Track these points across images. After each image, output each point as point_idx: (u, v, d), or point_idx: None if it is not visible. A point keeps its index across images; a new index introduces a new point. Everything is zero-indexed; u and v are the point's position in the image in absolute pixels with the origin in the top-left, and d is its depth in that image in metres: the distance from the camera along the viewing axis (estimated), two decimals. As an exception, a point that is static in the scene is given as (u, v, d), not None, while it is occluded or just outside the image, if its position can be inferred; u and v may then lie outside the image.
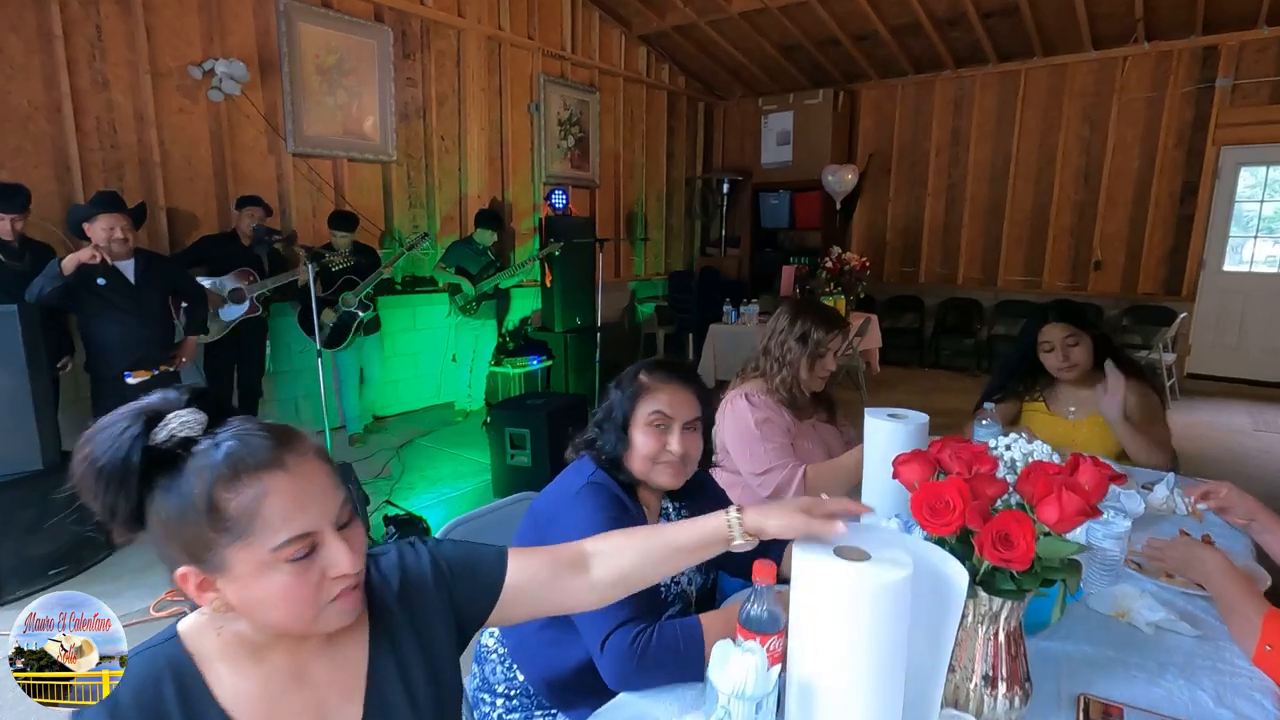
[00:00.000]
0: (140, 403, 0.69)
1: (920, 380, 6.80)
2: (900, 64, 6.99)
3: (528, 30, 5.99)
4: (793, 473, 1.68)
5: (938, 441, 0.94)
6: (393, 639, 0.83)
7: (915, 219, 7.44)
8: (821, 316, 1.82)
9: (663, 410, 1.20)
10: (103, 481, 0.65)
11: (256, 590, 0.68)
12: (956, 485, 0.79)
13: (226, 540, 0.66)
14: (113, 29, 3.81)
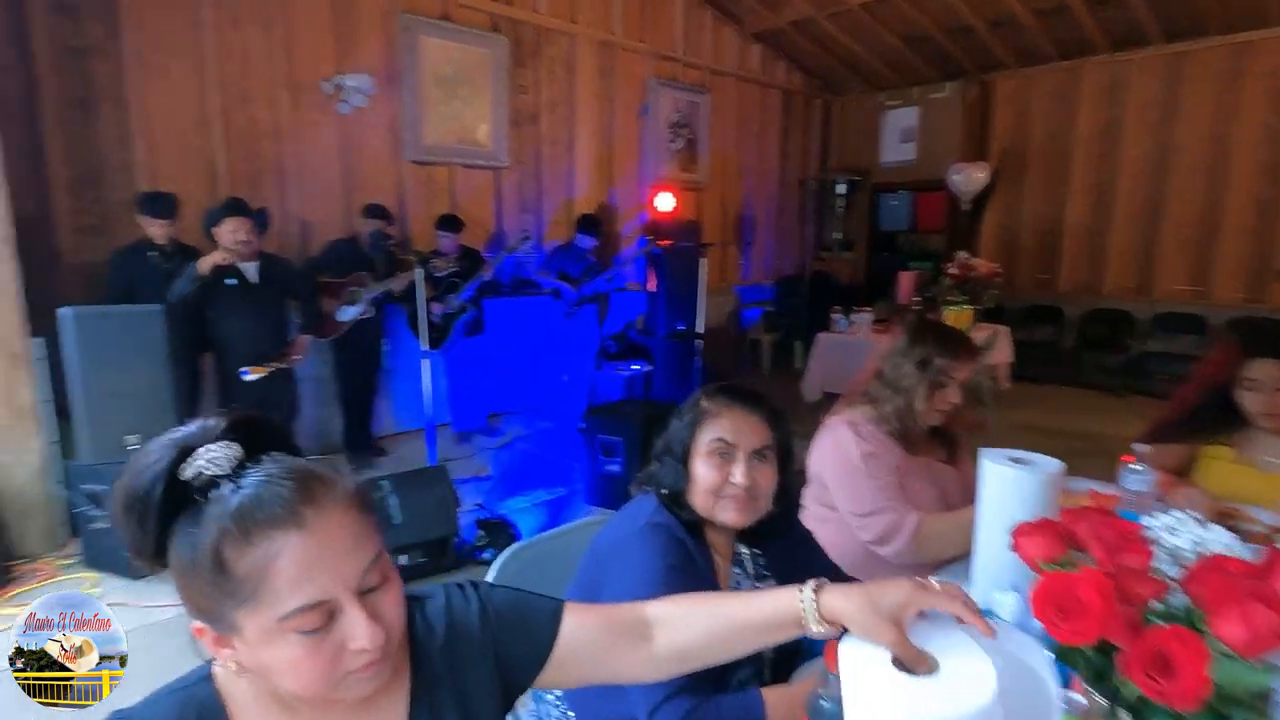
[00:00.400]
0: (179, 433, 0.65)
1: (1056, 398, 6.14)
2: (1043, 50, 6.35)
3: (639, 33, 5.96)
4: (901, 519, 1.47)
5: (1073, 511, 0.75)
6: (433, 700, 0.76)
7: (1055, 220, 6.74)
8: (946, 340, 1.60)
9: (724, 437, 1.08)
10: (124, 513, 0.62)
11: (267, 658, 0.62)
12: (1096, 581, 0.61)
13: (233, 603, 0.60)
14: (257, 50, 4.13)
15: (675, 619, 0.81)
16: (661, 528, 1.07)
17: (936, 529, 1.46)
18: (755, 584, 1.17)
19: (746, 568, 1.17)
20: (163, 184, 3.64)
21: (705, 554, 1.10)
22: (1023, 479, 1.13)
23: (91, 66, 3.61)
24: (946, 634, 0.69)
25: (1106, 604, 0.60)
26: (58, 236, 3.59)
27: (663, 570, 1.01)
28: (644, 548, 1.05)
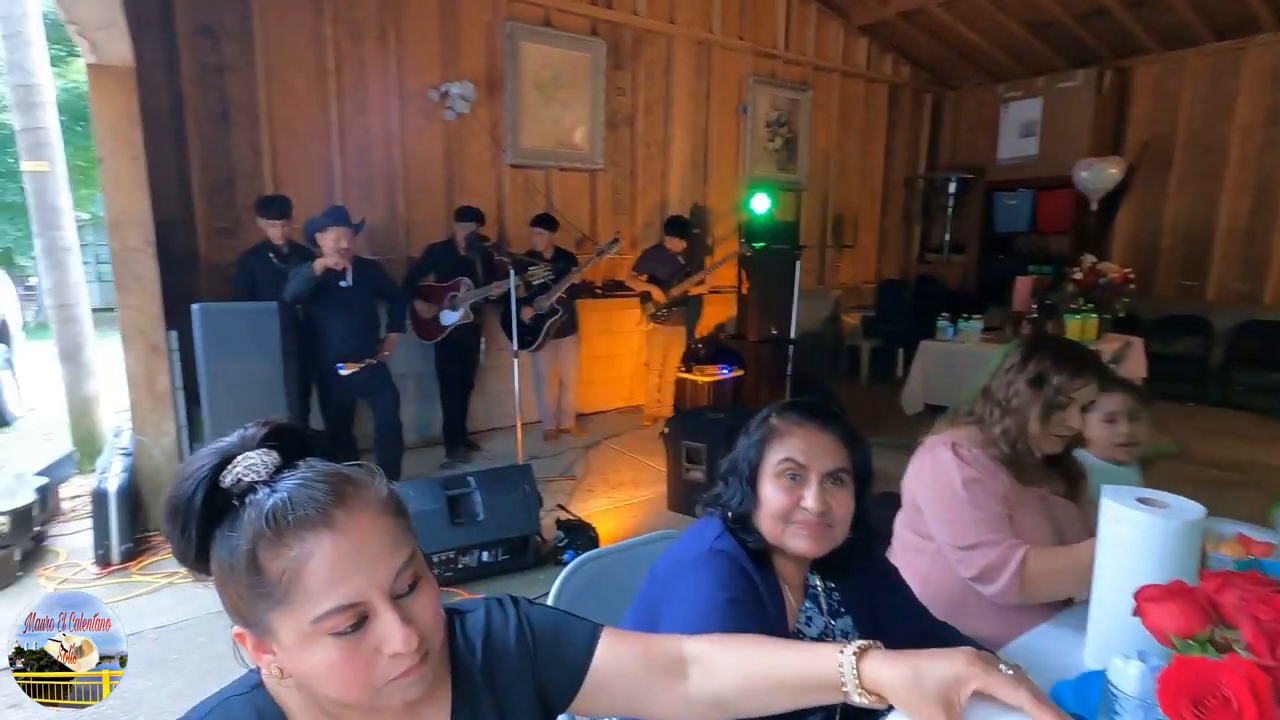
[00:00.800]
0: (221, 442, 0.66)
1: (1200, 420, 5.49)
2: (1194, 31, 5.69)
3: (739, 31, 5.85)
4: (1008, 553, 1.29)
5: (1217, 576, 0.63)
6: (475, 711, 0.74)
7: (1205, 221, 6.02)
8: (1067, 357, 1.41)
9: (794, 458, 1.00)
10: (172, 521, 0.63)
11: (303, 663, 0.62)
12: (1248, 674, 0.49)
13: (267, 605, 0.60)
14: (372, 62, 4.37)
15: (713, 662, 0.75)
16: (724, 555, 1.00)
17: (1047, 567, 1.29)
18: (829, 620, 1.08)
19: (820, 603, 1.07)
20: (286, 190, 3.91)
21: (773, 585, 1.02)
22: (1154, 526, 0.97)
23: (228, 82, 3.94)
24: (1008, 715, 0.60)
25: (1262, 706, 0.48)
26: (196, 238, 3.94)
27: (723, 604, 0.94)
28: (704, 577, 0.98)
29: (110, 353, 3.71)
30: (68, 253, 4.09)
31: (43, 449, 4.61)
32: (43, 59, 3.97)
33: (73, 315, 4.13)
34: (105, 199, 3.09)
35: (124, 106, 3.02)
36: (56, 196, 4.03)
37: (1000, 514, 1.37)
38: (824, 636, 1.06)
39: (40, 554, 3.09)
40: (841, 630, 1.08)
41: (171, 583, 2.84)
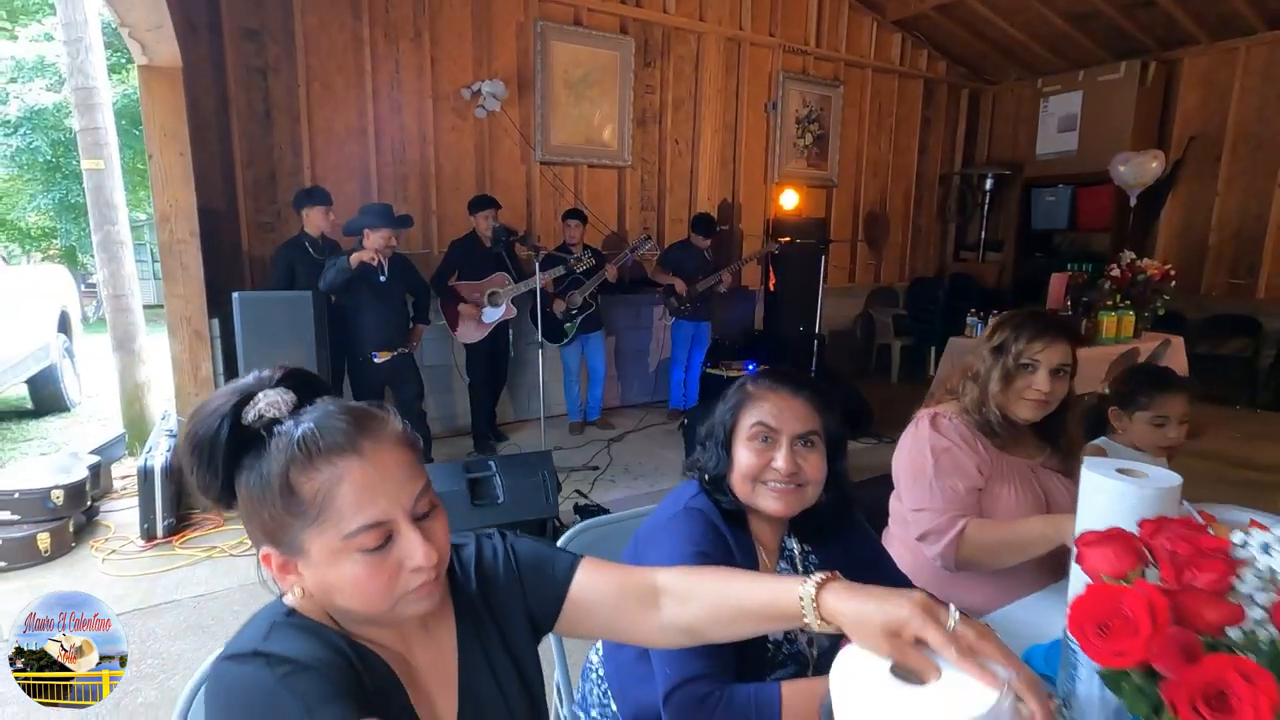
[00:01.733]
0: (238, 382, 0.71)
1: (1244, 423, 5.28)
2: (1245, 20, 5.49)
3: (769, 27, 5.85)
4: (949, 523, 1.34)
5: (1154, 522, 0.65)
6: (478, 632, 0.81)
7: (1256, 218, 5.79)
8: (1027, 322, 1.43)
9: (766, 421, 1.03)
10: (195, 456, 0.68)
11: (331, 576, 0.67)
12: (1149, 595, 0.52)
13: (301, 524, 0.66)
14: (407, 63, 4.51)
15: (682, 592, 0.80)
16: (698, 513, 1.05)
17: (981, 538, 1.32)
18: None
19: (796, 565, 1.11)
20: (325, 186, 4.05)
21: (746, 545, 1.06)
22: (1129, 493, 0.97)
23: (270, 83, 4.12)
24: None
25: (1158, 625, 0.50)
26: (240, 232, 4.12)
27: (692, 556, 0.99)
28: (678, 533, 1.03)
29: (162, 346, 3.93)
30: (122, 246, 4.32)
31: (98, 433, 4.88)
32: (100, 63, 4.20)
33: (126, 306, 4.36)
34: (154, 193, 3.27)
35: (172, 105, 3.19)
36: (112, 193, 4.26)
37: (961, 489, 1.40)
38: None
39: (92, 528, 3.27)
40: None
41: (210, 556, 2.99)
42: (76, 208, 11.46)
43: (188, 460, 0.69)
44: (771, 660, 1.03)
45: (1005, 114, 7.21)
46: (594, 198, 5.27)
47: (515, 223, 4.86)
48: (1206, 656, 0.48)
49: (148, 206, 12.68)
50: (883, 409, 4.77)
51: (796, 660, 1.05)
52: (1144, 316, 4.66)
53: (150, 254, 13.48)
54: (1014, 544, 1.29)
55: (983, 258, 7.26)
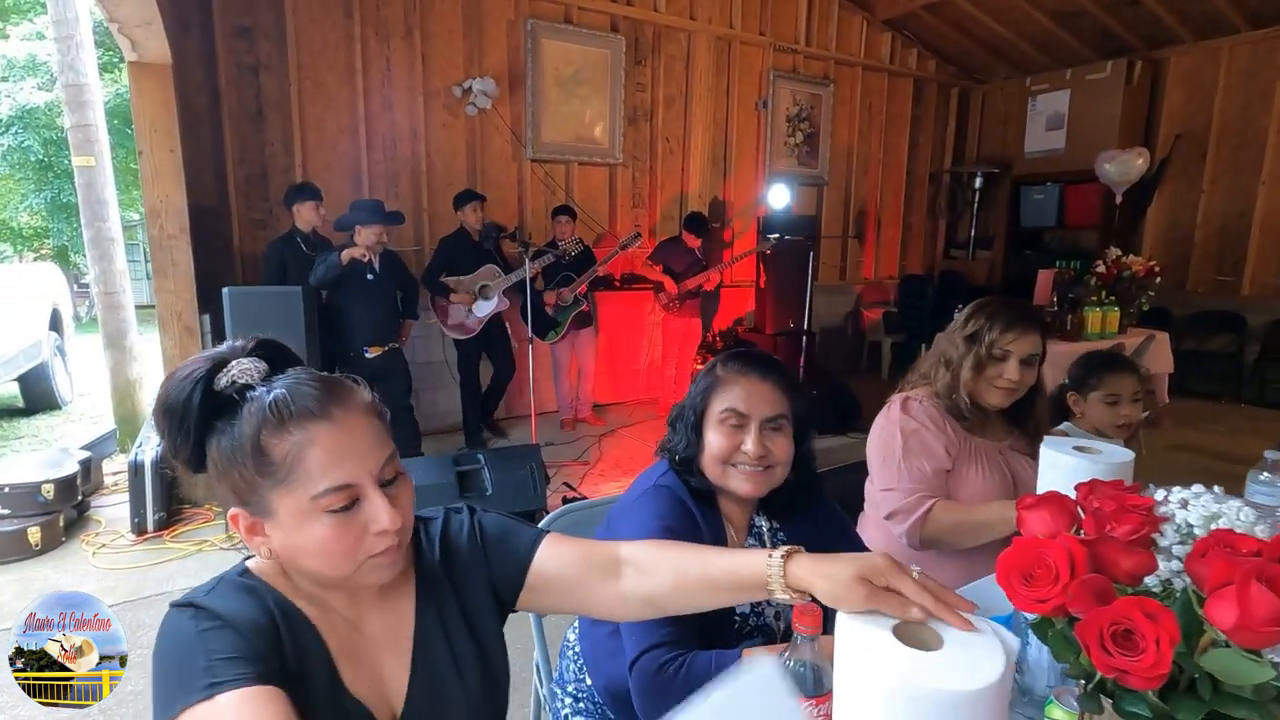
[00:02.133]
0: (210, 351, 0.74)
1: (1229, 418, 5.35)
2: (1228, 19, 5.55)
3: (759, 26, 5.89)
4: (917, 502, 1.38)
5: (1088, 484, 0.68)
6: (438, 603, 0.83)
7: (1241, 215, 5.86)
8: (1000, 312, 1.47)
9: (735, 407, 1.06)
10: (168, 419, 0.70)
11: (298, 538, 0.70)
12: (1068, 545, 0.55)
13: (270, 484, 0.68)
14: (399, 60, 4.53)
15: (646, 563, 0.82)
16: (666, 490, 1.08)
17: (946, 519, 1.37)
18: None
19: (765, 542, 1.14)
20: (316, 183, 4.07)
21: (714, 522, 1.09)
22: (1082, 468, 1.01)
23: (262, 81, 4.13)
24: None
25: (1076, 571, 0.54)
26: (231, 228, 4.14)
27: (658, 530, 1.02)
28: (647, 509, 1.06)
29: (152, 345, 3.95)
30: (113, 243, 4.33)
31: (89, 430, 4.88)
32: (91, 60, 4.21)
33: (117, 303, 4.37)
34: (144, 189, 3.29)
35: (162, 102, 3.21)
36: (103, 190, 4.27)
37: (929, 469, 1.43)
38: None
39: (83, 522, 3.29)
40: None
41: (201, 550, 3.01)
42: (68, 207, 11.43)
43: (160, 423, 0.71)
44: (739, 633, 1.06)
45: (994, 112, 7.27)
46: (585, 195, 5.30)
47: (507, 220, 4.89)
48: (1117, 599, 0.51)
49: (140, 206, 12.65)
50: (873, 405, 4.80)
51: (764, 632, 1.08)
52: (1129, 312, 4.71)
53: (143, 254, 13.44)
54: (976, 525, 1.34)
55: (972, 255, 7.31)
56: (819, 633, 0.72)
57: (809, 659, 0.72)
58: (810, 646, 0.72)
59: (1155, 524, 0.60)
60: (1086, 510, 0.62)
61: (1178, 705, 0.52)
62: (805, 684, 0.72)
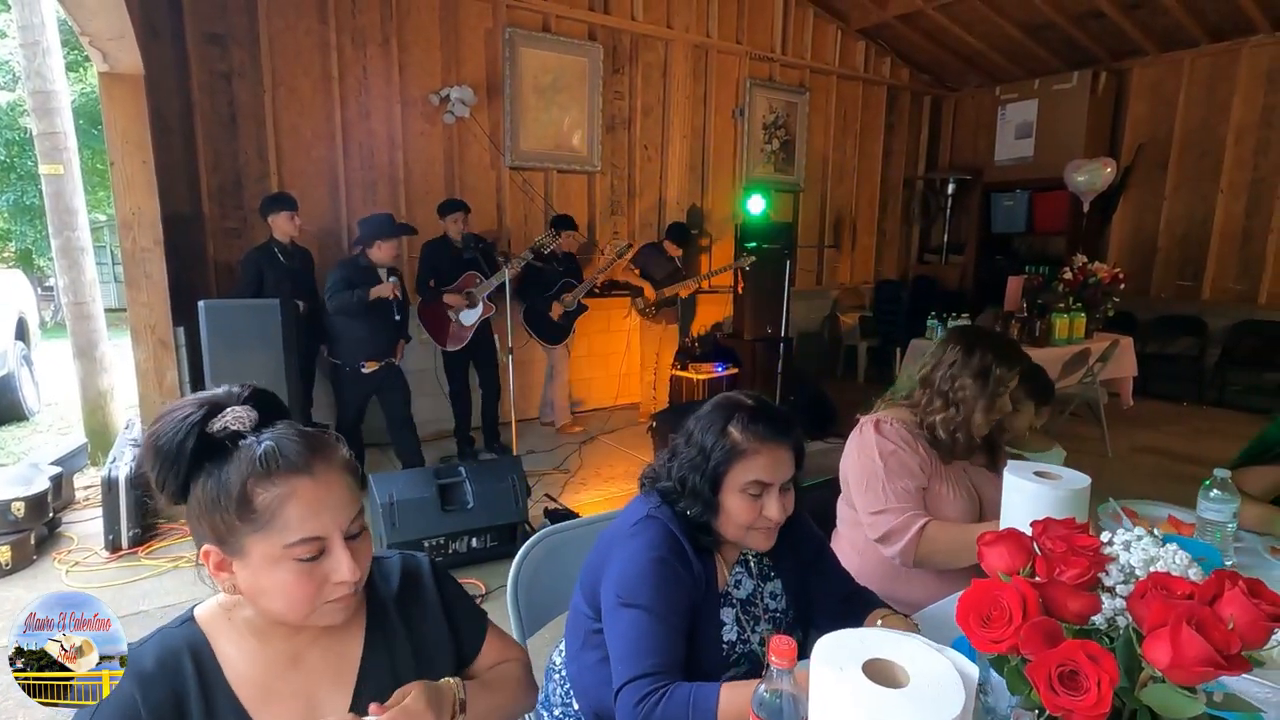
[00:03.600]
0: (205, 394, 0.78)
1: (1191, 419, 5.53)
2: (1189, 32, 5.73)
3: (736, 35, 5.95)
4: (910, 521, 1.42)
5: (1042, 523, 0.73)
6: (387, 637, 0.88)
7: (1201, 222, 6.05)
8: (1003, 350, 1.52)
9: (761, 479, 1.06)
10: (159, 458, 0.74)
11: (264, 580, 0.75)
12: (1022, 589, 0.59)
13: (249, 529, 0.73)
14: (375, 68, 4.51)
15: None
16: (657, 522, 1.10)
17: (940, 538, 1.40)
18: (759, 583, 1.18)
19: (750, 568, 1.18)
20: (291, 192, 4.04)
21: (705, 555, 1.11)
22: (1043, 494, 1.07)
23: (236, 88, 4.09)
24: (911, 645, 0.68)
25: (1028, 614, 0.58)
26: (205, 238, 4.09)
27: (649, 562, 1.05)
28: (639, 540, 1.08)
29: (124, 352, 3.90)
30: (83, 253, 4.26)
31: (58, 442, 4.78)
32: (59, 66, 4.13)
33: (87, 313, 4.29)
34: (116, 200, 3.24)
35: (134, 112, 3.17)
36: (72, 198, 4.19)
37: (912, 488, 1.47)
38: (753, 598, 1.16)
39: (55, 539, 3.23)
40: (770, 592, 1.18)
41: (177, 566, 2.98)
42: (32, 209, 11.16)
43: (151, 459, 0.75)
44: (725, 660, 1.09)
45: (966, 120, 7.41)
46: (564, 203, 5.32)
47: (486, 228, 4.89)
48: (1064, 641, 0.55)
49: (108, 207, 12.37)
50: (849, 410, 4.86)
51: (750, 659, 1.11)
52: (1095, 318, 4.85)
53: (111, 256, 13.15)
54: (969, 546, 1.35)
55: (945, 260, 7.45)
56: (794, 665, 0.76)
57: (785, 690, 0.76)
58: (786, 679, 0.76)
59: (1101, 564, 0.64)
60: (1041, 549, 0.67)
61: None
62: (782, 714, 0.76)
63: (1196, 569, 0.61)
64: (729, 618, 1.12)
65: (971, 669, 0.62)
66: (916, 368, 1.61)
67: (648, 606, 1.01)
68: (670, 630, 1.00)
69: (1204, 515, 1.39)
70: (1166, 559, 0.62)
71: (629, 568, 1.06)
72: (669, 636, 1.00)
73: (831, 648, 0.65)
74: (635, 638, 0.99)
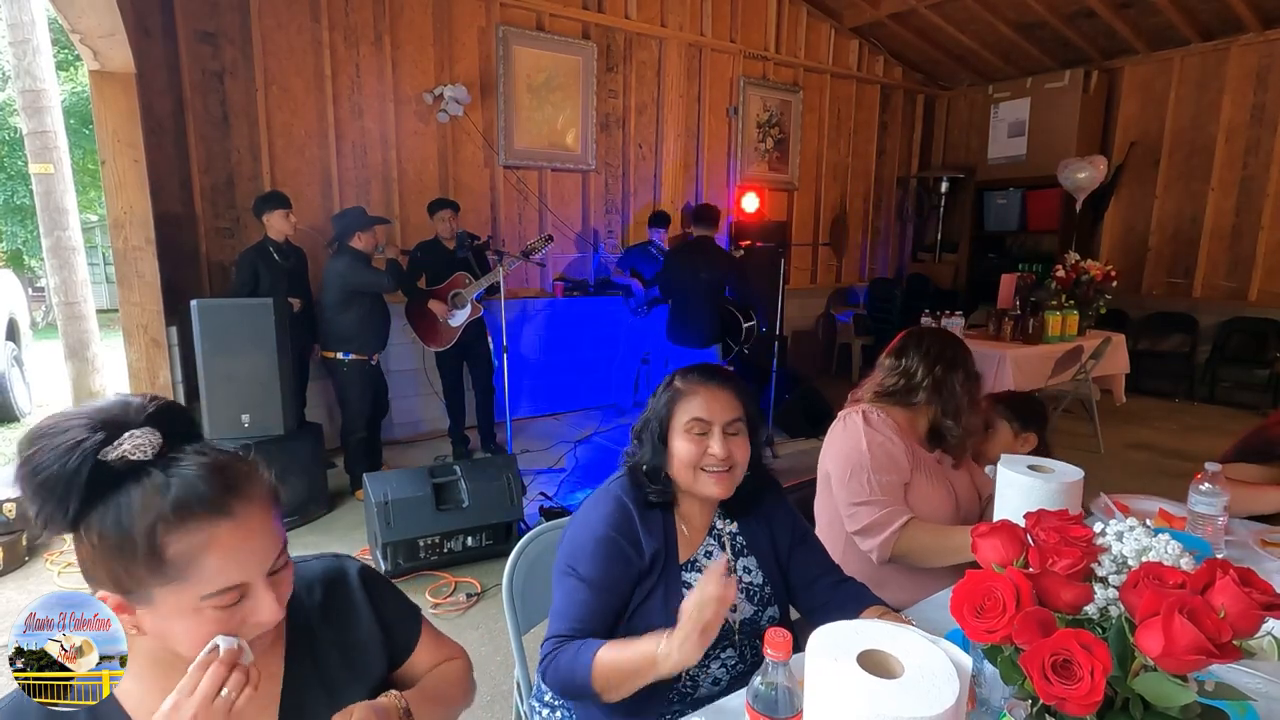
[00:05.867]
0: (97, 407, 0.66)
1: (1182, 416, 5.57)
2: (1179, 32, 5.77)
3: (729, 33, 5.95)
4: (891, 517, 1.42)
5: (1034, 515, 0.73)
6: (312, 650, 0.83)
7: (1192, 220, 6.09)
8: (962, 350, 1.60)
9: (700, 416, 1.14)
10: (44, 492, 0.62)
11: (175, 628, 0.68)
12: (1015, 579, 0.60)
13: (157, 581, 0.65)
14: (368, 66, 4.49)
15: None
16: (609, 496, 1.17)
17: (919, 538, 1.41)
18: (732, 558, 1.19)
19: (723, 542, 1.21)
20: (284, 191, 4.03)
21: (659, 523, 1.16)
22: (1035, 487, 1.07)
23: (228, 87, 4.07)
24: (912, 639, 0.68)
25: (1022, 603, 0.58)
26: (198, 238, 4.07)
27: (596, 540, 1.12)
28: (593, 511, 1.17)
29: (115, 353, 3.88)
30: (74, 252, 4.23)
31: (50, 443, 4.75)
32: (49, 65, 4.11)
33: (79, 313, 4.27)
34: (108, 200, 3.22)
35: (126, 111, 3.15)
36: (63, 198, 4.17)
37: (896, 481, 1.48)
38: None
39: (47, 541, 3.21)
40: (744, 567, 1.21)
41: (170, 567, 2.96)
42: (22, 209, 11.07)
43: (31, 492, 0.63)
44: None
45: (959, 119, 7.44)
46: (558, 202, 5.32)
47: (479, 227, 4.88)
48: (1057, 631, 0.56)
49: (99, 207, 12.29)
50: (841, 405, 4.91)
51: (725, 637, 1.14)
52: (1088, 315, 4.87)
53: (102, 256, 13.08)
54: (947, 550, 1.38)
55: (939, 258, 7.48)
56: (789, 658, 0.77)
57: (780, 682, 0.76)
58: (781, 671, 0.76)
59: (1094, 554, 0.65)
60: (1034, 539, 0.67)
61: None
62: (777, 706, 0.76)
63: (1188, 559, 0.61)
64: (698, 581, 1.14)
65: (965, 660, 0.62)
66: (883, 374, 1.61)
67: (585, 577, 1.10)
68: (600, 603, 1.09)
69: (1195, 509, 1.40)
70: (1159, 549, 0.63)
71: (579, 537, 1.14)
72: (596, 607, 1.08)
73: (827, 640, 0.65)
74: (567, 604, 1.09)
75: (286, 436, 3.27)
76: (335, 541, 3.19)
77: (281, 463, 3.22)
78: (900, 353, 1.59)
